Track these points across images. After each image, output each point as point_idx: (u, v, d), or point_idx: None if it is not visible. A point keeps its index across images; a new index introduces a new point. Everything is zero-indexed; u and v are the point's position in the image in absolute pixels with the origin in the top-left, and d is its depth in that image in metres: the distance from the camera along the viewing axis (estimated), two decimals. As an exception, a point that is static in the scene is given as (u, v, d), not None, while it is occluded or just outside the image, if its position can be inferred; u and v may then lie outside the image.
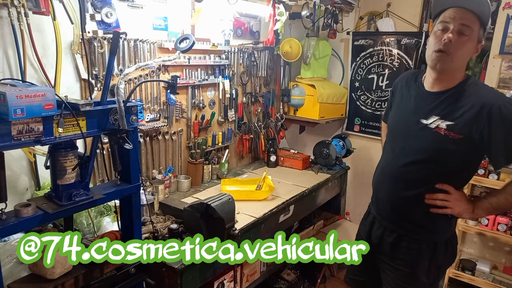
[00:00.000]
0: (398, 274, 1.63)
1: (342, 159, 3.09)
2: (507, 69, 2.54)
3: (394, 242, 1.62)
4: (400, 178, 1.57)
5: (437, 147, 1.45)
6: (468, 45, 1.39)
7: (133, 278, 1.50)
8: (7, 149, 1.12)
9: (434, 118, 1.46)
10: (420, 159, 1.50)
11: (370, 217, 1.77)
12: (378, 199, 1.70)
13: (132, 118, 1.42)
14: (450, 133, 1.41)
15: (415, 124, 1.51)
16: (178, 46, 1.69)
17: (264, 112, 3.16)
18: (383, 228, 1.67)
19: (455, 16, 1.37)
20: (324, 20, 3.05)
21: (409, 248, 1.59)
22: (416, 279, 1.60)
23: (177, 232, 1.80)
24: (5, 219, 1.17)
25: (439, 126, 1.44)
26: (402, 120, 1.61)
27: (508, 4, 2.47)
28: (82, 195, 1.33)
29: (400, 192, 1.58)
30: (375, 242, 1.69)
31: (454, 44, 1.37)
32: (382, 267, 1.71)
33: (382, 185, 1.67)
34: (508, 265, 2.83)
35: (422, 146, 1.49)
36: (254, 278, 2.41)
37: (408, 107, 1.58)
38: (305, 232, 2.85)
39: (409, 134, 1.54)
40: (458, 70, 1.46)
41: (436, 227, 1.56)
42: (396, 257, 1.63)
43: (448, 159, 1.46)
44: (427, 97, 1.51)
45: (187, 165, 2.51)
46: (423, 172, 1.51)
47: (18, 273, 1.35)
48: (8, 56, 1.60)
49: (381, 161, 1.73)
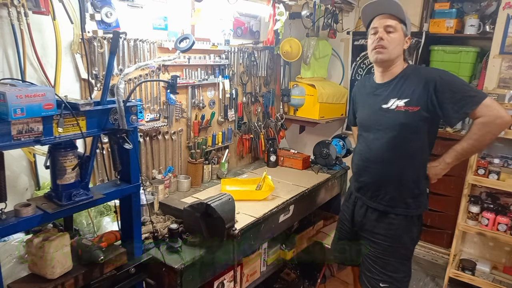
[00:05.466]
0: (378, 248, 1.86)
1: (342, 159, 3.09)
2: (507, 69, 2.54)
3: (376, 219, 1.86)
4: (379, 159, 1.83)
5: (402, 121, 1.73)
6: (395, 38, 1.74)
7: (133, 278, 1.50)
8: (7, 149, 1.12)
9: (392, 100, 1.77)
10: (391, 136, 1.77)
11: (352, 198, 2.01)
12: (360, 182, 1.93)
13: (132, 118, 1.42)
14: (409, 108, 1.72)
15: (379, 110, 1.81)
16: (178, 46, 1.69)
17: (264, 112, 3.16)
18: (366, 207, 1.90)
19: (380, 21, 1.76)
20: (324, 20, 3.05)
21: (390, 223, 1.82)
22: (395, 250, 1.84)
23: (177, 232, 1.80)
24: (5, 219, 1.17)
25: (398, 105, 1.75)
26: (369, 113, 1.90)
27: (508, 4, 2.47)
28: (82, 195, 1.33)
29: (381, 172, 1.83)
30: (357, 220, 1.95)
31: (384, 39, 1.73)
32: (363, 242, 1.94)
33: (365, 169, 1.90)
34: (508, 265, 2.83)
35: (390, 125, 1.77)
36: (254, 278, 2.41)
37: (370, 101, 1.89)
38: (305, 232, 2.85)
39: (376, 121, 1.83)
40: (396, 60, 1.79)
41: (416, 202, 1.80)
42: (377, 232, 1.86)
43: (414, 130, 1.74)
44: (381, 87, 1.84)
45: (187, 165, 2.51)
46: (397, 148, 1.77)
47: (18, 273, 1.35)
48: (8, 56, 1.60)
49: (359, 149, 1.96)
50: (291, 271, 2.93)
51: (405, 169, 1.79)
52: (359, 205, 1.95)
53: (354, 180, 2.00)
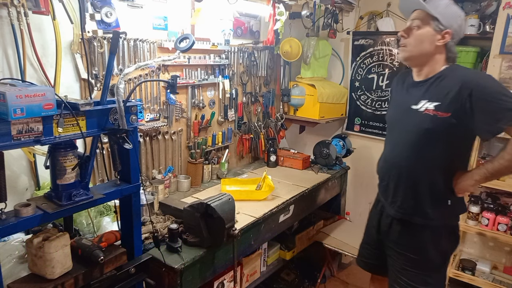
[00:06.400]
0: (404, 259, 1.73)
1: (342, 159, 3.09)
2: (507, 69, 2.54)
3: (401, 230, 1.74)
4: (397, 163, 1.71)
5: (427, 126, 1.58)
6: (419, 34, 1.60)
7: (133, 278, 1.50)
8: (7, 149, 1.12)
9: (423, 102, 1.61)
10: (413, 140, 1.64)
11: (379, 205, 1.89)
12: (382, 186, 1.83)
13: (132, 118, 1.42)
14: (438, 113, 1.56)
15: (407, 111, 1.67)
16: (178, 46, 1.69)
17: (264, 112, 3.16)
18: (391, 218, 1.78)
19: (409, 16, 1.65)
20: (324, 20, 3.05)
21: (414, 235, 1.70)
22: (421, 263, 1.70)
23: (177, 232, 1.80)
24: (5, 219, 1.17)
25: (428, 108, 1.59)
26: (397, 112, 1.79)
27: (508, 4, 2.46)
28: (82, 195, 1.33)
29: (399, 176, 1.71)
30: (383, 230, 1.83)
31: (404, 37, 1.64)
32: (389, 253, 1.83)
33: (385, 171, 1.80)
34: (508, 265, 2.83)
35: (414, 128, 1.63)
36: (254, 278, 2.41)
37: (402, 99, 1.75)
38: (305, 232, 2.85)
39: (401, 121, 1.72)
40: (427, 59, 1.63)
41: (437, 213, 1.65)
42: (402, 243, 1.74)
43: (440, 138, 1.58)
44: (415, 86, 1.70)
45: (187, 165, 2.50)
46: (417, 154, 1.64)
47: (18, 273, 1.35)
48: (8, 56, 1.60)
49: (383, 150, 1.86)
50: (291, 271, 2.93)
51: (422, 177, 1.64)
52: (385, 214, 1.82)
53: (379, 182, 1.88)
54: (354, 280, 3.15)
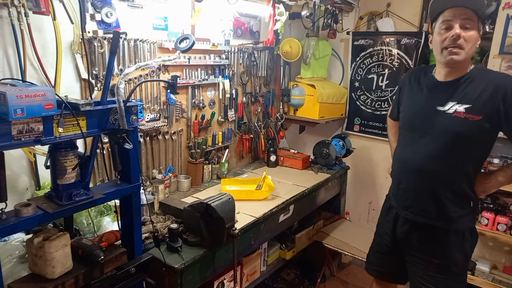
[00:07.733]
0: (429, 266, 1.69)
1: (342, 159, 3.09)
2: (507, 69, 2.54)
3: (423, 236, 1.69)
4: (423, 166, 1.63)
5: (459, 130, 1.53)
6: (472, 36, 1.50)
7: (133, 277, 1.50)
8: (7, 149, 1.12)
9: (451, 104, 1.55)
10: (442, 144, 1.57)
11: (392, 212, 1.81)
12: (399, 189, 1.75)
13: (132, 118, 1.42)
14: (469, 115, 1.50)
15: (432, 112, 1.60)
16: (178, 46, 1.70)
17: (264, 112, 3.16)
18: (409, 224, 1.72)
19: (455, 14, 1.48)
20: (324, 20, 3.05)
21: (438, 240, 1.65)
22: (446, 268, 1.66)
23: (177, 232, 1.80)
24: (5, 219, 1.17)
25: (457, 110, 1.53)
26: (419, 112, 1.68)
27: (508, 4, 2.46)
28: (82, 194, 1.33)
29: (424, 180, 1.64)
30: (401, 237, 1.77)
31: (462, 38, 1.48)
32: (409, 260, 1.77)
33: (405, 175, 1.72)
34: (507, 265, 2.83)
35: (443, 131, 1.57)
36: (254, 278, 2.42)
37: (422, 98, 1.67)
38: (305, 232, 2.85)
39: (427, 123, 1.62)
40: (468, 60, 1.56)
41: (462, 217, 1.62)
42: (425, 250, 1.69)
43: (470, 141, 1.54)
44: (441, 87, 1.61)
45: (187, 165, 2.51)
46: (446, 158, 1.58)
47: (18, 272, 1.35)
48: (8, 56, 1.60)
49: (400, 152, 1.78)
50: (291, 271, 2.93)
51: (448, 180, 1.60)
52: (401, 222, 1.76)
53: (393, 186, 1.82)
54: (354, 280, 3.16)
